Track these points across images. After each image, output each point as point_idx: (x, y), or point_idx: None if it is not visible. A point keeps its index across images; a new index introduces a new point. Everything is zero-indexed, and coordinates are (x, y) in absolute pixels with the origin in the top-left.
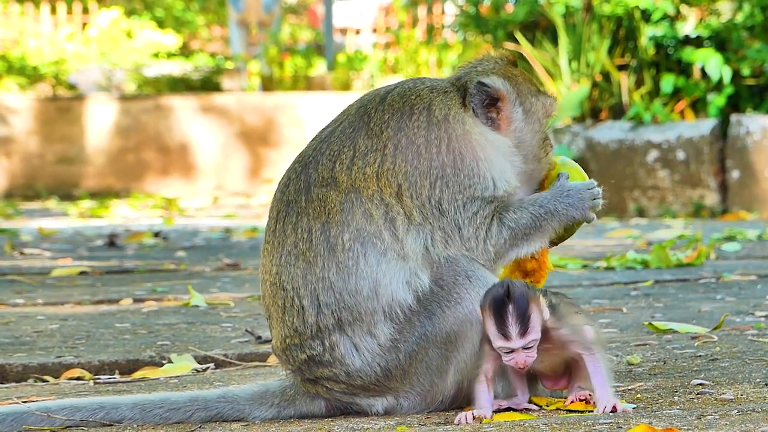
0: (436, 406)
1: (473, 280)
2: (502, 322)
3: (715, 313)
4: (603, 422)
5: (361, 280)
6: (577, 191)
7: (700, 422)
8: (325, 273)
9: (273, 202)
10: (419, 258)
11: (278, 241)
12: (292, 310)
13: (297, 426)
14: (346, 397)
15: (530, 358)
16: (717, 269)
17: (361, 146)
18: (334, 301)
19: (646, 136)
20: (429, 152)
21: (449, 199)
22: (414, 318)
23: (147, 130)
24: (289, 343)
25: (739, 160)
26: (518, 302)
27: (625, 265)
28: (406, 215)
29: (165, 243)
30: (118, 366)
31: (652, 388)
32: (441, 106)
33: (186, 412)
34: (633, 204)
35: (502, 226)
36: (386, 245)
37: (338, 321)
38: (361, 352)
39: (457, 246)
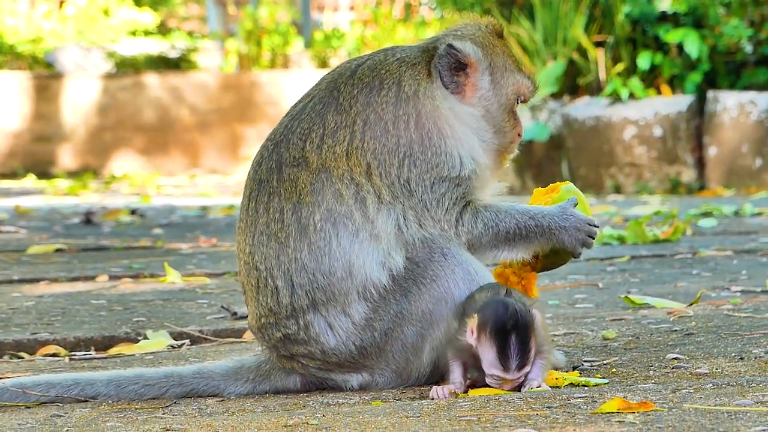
0: (411, 382)
1: (449, 258)
2: (504, 354)
3: (691, 288)
4: (578, 396)
5: (334, 261)
6: (577, 219)
7: (675, 396)
8: (297, 254)
9: (246, 180)
10: (392, 238)
11: (251, 220)
12: (266, 290)
13: (272, 401)
14: (321, 372)
15: (516, 384)
16: (693, 245)
17: (330, 123)
18: (307, 281)
19: (623, 113)
20: (397, 129)
21: (417, 178)
22: (389, 296)
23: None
24: (265, 322)
25: (716, 137)
26: (522, 333)
27: (601, 241)
28: (376, 194)
29: (141, 220)
30: (93, 342)
31: (628, 362)
32: (410, 81)
33: (161, 388)
34: (610, 181)
35: (477, 218)
36: (357, 226)
37: (312, 301)
38: (336, 331)
39: (431, 226)
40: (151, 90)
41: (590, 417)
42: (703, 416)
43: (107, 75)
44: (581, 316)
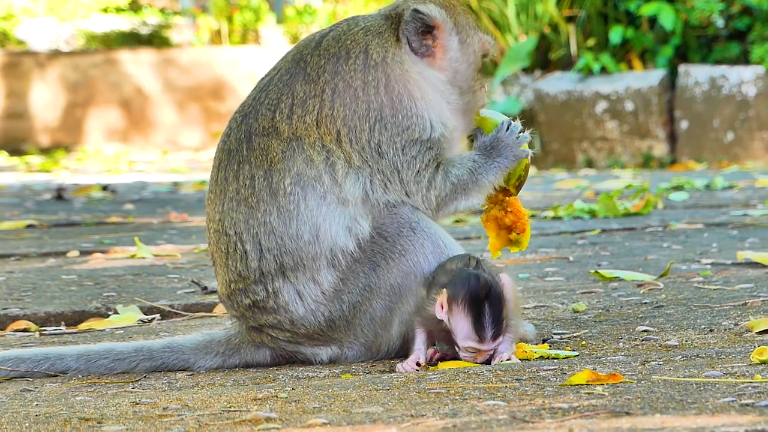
0: (380, 356)
1: (417, 232)
2: (480, 323)
3: (662, 261)
4: (548, 368)
5: (301, 224)
6: (499, 141)
7: (644, 368)
8: (266, 217)
9: (215, 152)
10: (359, 203)
11: (220, 189)
12: (235, 254)
13: (242, 374)
14: (290, 345)
15: (488, 356)
16: (664, 218)
17: (299, 93)
18: (275, 245)
19: (594, 87)
20: (367, 94)
21: (388, 141)
22: (358, 268)
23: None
24: (234, 288)
25: (687, 111)
26: (495, 303)
27: (572, 215)
28: (346, 159)
29: (113, 196)
30: (64, 317)
31: (597, 334)
32: (378, 49)
33: (131, 362)
34: (582, 155)
35: (447, 179)
36: (326, 188)
37: (280, 266)
38: (305, 299)
39: (397, 190)
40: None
41: (559, 389)
42: (672, 388)
43: (79, 52)
44: (551, 290)
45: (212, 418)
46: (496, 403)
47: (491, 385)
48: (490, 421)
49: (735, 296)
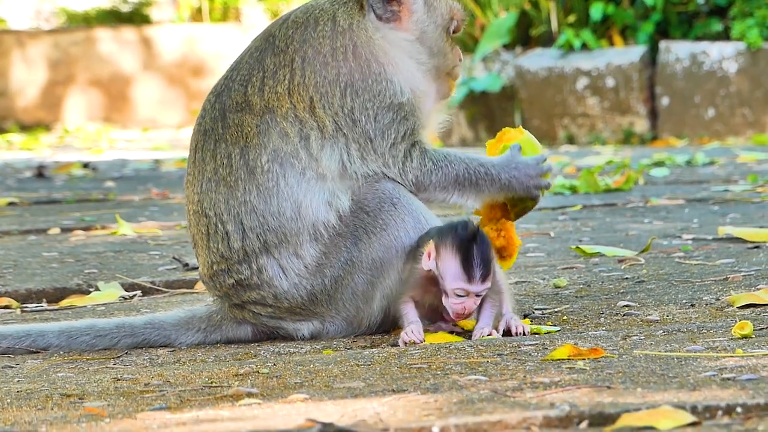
0: (362, 331)
1: (399, 207)
2: (468, 263)
3: (643, 236)
4: (529, 344)
5: (282, 201)
6: (525, 166)
7: (626, 342)
8: (246, 197)
9: (192, 134)
10: (336, 177)
11: (198, 170)
12: (217, 236)
13: (223, 350)
14: (272, 321)
15: (475, 305)
16: (645, 194)
17: (269, 65)
18: (258, 224)
19: (575, 64)
20: (336, 60)
21: (360, 107)
22: (340, 242)
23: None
24: (217, 269)
25: (668, 87)
26: (484, 246)
27: (553, 191)
28: (319, 129)
29: (94, 174)
30: (45, 294)
31: (579, 310)
32: (344, 16)
33: (113, 338)
34: (563, 131)
35: (425, 156)
36: (304, 165)
37: (264, 244)
38: (288, 273)
39: (374, 161)
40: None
41: (541, 364)
42: (653, 362)
43: (59, 30)
44: (533, 265)
45: (193, 393)
46: (477, 378)
47: (473, 360)
48: (472, 395)
49: (716, 271)
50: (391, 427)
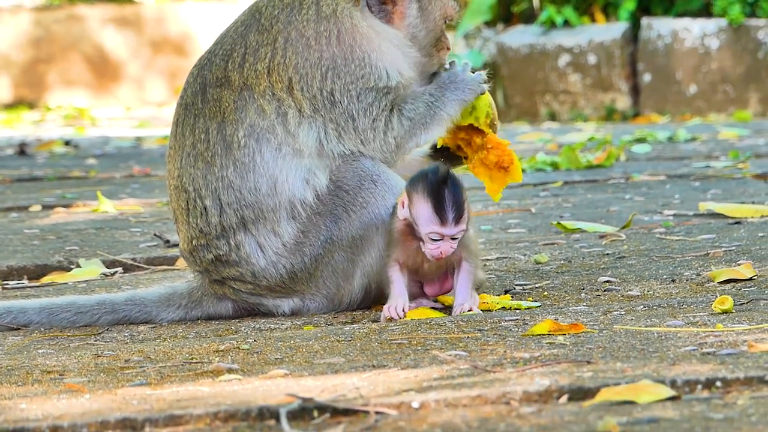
0: (343, 307)
1: (379, 185)
2: (440, 206)
3: (624, 212)
4: (509, 319)
5: (259, 177)
6: (455, 76)
7: (606, 318)
8: (223, 172)
9: (175, 108)
10: (314, 154)
11: (179, 145)
12: (196, 211)
13: (204, 327)
14: (252, 298)
15: (452, 248)
16: (627, 170)
17: (252, 42)
18: (235, 199)
19: (557, 41)
20: (319, 44)
21: (341, 89)
22: (319, 221)
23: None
24: (196, 244)
25: (650, 64)
26: (455, 188)
27: (534, 167)
28: (297, 108)
29: (75, 151)
30: (26, 271)
31: (559, 285)
32: (329, 1)
33: (93, 315)
34: (545, 108)
35: (402, 116)
36: (280, 140)
37: (241, 220)
38: (266, 251)
39: (352, 139)
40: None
41: (521, 339)
42: (634, 337)
43: (42, 7)
44: (514, 241)
45: (174, 369)
46: (457, 354)
47: (453, 335)
48: (452, 371)
49: (697, 247)
50: (370, 402)
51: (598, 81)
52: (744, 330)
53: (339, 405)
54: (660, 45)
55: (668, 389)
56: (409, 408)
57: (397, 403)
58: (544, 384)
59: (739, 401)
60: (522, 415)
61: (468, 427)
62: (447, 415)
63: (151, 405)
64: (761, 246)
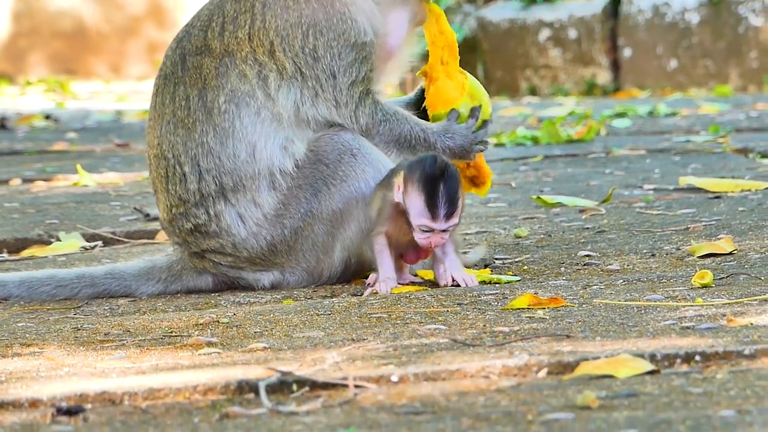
0: (322, 281)
1: (359, 158)
2: (433, 201)
3: (604, 186)
4: (489, 293)
5: (237, 143)
6: (461, 136)
7: (586, 292)
8: (203, 138)
9: (154, 80)
10: (292, 119)
11: (158, 114)
12: (175, 178)
13: (183, 300)
14: (232, 271)
15: (443, 240)
16: (607, 144)
17: (229, 11)
18: (214, 166)
19: (537, 15)
20: (297, 4)
21: (325, 45)
22: (299, 193)
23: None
24: (175, 213)
25: (630, 39)
26: (451, 183)
27: (515, 142)
28: (278, 71)
29: (56, 125)
30: (6, 245)
31: (539, 259)
32: None
33: (73, 288)
34: (525, 83)
35: (377, 107)
36: (259, 104)
37: (220, 187)
38: (246, 222)
39: (328, 99)
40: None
41: (501, 313)
42: (613, 311)
43: None
44: (494, 215)
45: (153, 343)
46: (437, 327)
47: (432, 309)
48: (431, 344)
49: (677, 221)
50: (350, 376)
51: (578, 55)
52: (723, 304)
53: (318, 379)
54: (640, 20)
55: (647, 363)
56: (388, 382)
57: (376, 376)
58: (523, 358)
59: (718, 375)
60: (501, 389)
61: (447, 400)
62: (426, 389)
63: (131, 378)
64: (741, 220)
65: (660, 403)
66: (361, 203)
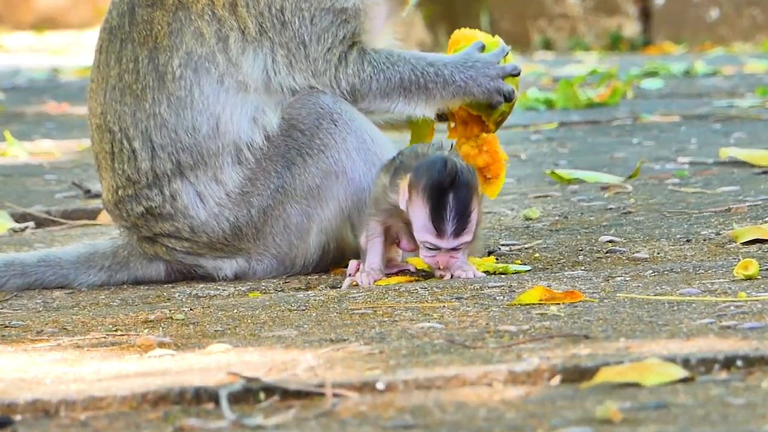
0: (295, 270)
1: (340, 125)
2: (438, 215)
3: (631, 159)
4: (494, 285)
5: (198, 114)
6: (484, 64)
7: (608, 285)
8: (156, 108)
9: (99, 33)
10: (261, 88)
11: (102, 77)
12: (122, 155)
13: (131, 292)
14: (189, 258)
15: (454, 260)
16: (634, 109)
17: None
18: (170, 141)
19: None
20: None
21: (293, 8)
22: (269, 166)
23: None
24: (122, 195)
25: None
26: (462, 195)
27: (525, 106)
28: (240, 30)
29: None
30: None
31: (553, 246)
32: None
33: (0, 278)
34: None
35: (364, 59)
36: (221, 70)
37: (177, 165)
38: (207, 202)
39: (303, 70)
40: None
41: (507, 309)
42: (640, 307)
43: None
44: (500, 193)
45: (95, 343)
46: (431, 326)
47: (426, 304)
48: (424, 345)
49: (717, 201)
50: (327, 383)
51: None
52: None
53: (290, 386)
54: None
55: (680, 369)
56: (373, 390)
57: (358, 384)
58: (533, 362)
59: (763, 383)
60: (507, 399)
61: (442, 412)
62: (418, 398)
63: (68, 386)
64: None
65: (694, 416)
66: (342, 178)
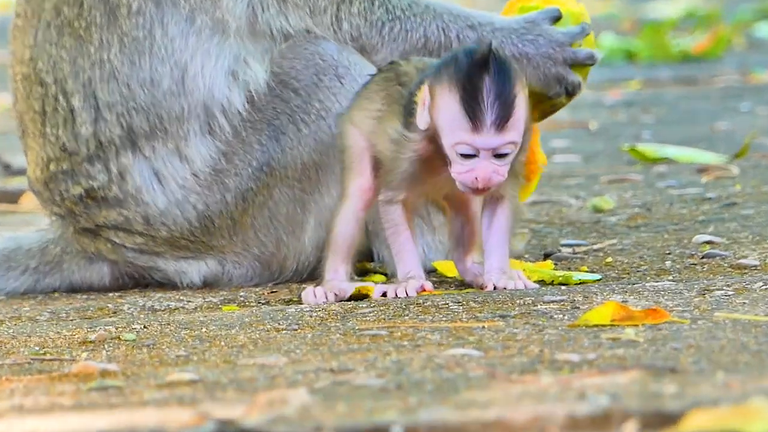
0: (285, 276)
1: (346, 82)
2: (472, 100)
3: (737, 132)
4: (551, 299)
5: (158, 63)
6: (549, 42)
7: (704, 300)
8: (104, 53)
9: None
10: (244, 29)
11: (33, 11)
12: (57, 115)
13: (65, 303)
14: (142, 258)
15: (498, 176)
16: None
17: None
18: (120, 98)
19: None
20: None
21: None
22: (251, 138)
23: None
24: (55, 170)
25: None
26: (502, 77)
27: None
28: None
29: None
30: None
31: (631, 248)
32: None
33: None
34: None
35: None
36: (193, 4)
37: (129, 132)
38: (167, 184)
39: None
40: None
41: (568, 332)
42: (746, 332)
43: None
44: (560, 176)
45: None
46: (466, 353)
47: (460, 324)
48: (456, 379)
49: None
50: (325, 427)
51: None
52: None
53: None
54: None
55: None
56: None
57: (367, 429)
58: (601, 403)
59: None
60: None
61: None
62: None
63: None
64: None
65: None
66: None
